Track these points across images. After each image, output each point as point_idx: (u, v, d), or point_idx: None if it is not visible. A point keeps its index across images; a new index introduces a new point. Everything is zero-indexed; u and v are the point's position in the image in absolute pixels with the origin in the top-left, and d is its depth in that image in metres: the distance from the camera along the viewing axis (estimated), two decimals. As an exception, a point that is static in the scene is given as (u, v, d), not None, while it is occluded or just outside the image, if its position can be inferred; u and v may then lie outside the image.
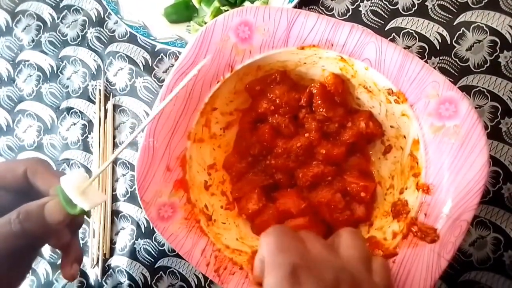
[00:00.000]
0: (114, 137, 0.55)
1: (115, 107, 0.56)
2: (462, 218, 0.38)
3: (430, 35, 0.49)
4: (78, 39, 0.58)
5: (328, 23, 0.40)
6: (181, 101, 0.42)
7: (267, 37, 0.41)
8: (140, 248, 0.52)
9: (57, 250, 0.43)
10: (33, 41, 0.60)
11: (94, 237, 0.53)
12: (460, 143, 0.38)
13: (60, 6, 0.59)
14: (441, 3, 0.49)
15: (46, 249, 0.55)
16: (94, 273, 0.53)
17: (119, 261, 0.53)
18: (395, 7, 0.51)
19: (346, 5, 0.52)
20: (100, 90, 0.56)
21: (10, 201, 0.39)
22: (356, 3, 0.52)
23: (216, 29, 0.41)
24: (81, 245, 0.50)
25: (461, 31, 0.49)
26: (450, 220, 0.38)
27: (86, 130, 0.56)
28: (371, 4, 0.51)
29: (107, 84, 0.56)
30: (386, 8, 0.51)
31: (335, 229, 0.44)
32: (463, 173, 0.38)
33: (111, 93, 0.56)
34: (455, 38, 0.49)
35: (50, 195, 0.37)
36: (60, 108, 0.57)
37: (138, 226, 0.53)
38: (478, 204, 0.38)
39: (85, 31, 0.58)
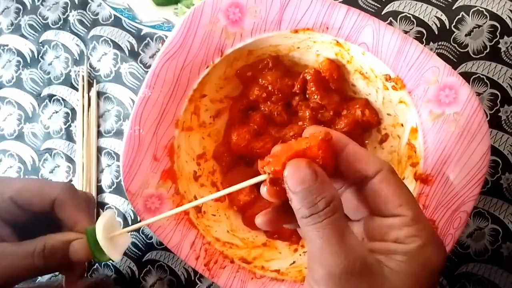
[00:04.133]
0: (98, 126, 0.53)
1: (99, 94, 0.53)
2: (462, 209, 0.37)
3: (428, 20, 0.48)
4: (60, 23, 0.55)
5: (323, 5, 0.39)
6: (168, 87, 0.40)
7: (259, 20, 0.39)
8: (127, 241, 0.50)
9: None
10: (12, 24, 0.57)
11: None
12: (460, 131, 0.37)
13: (41, -12, 0.57)
14: (440, -14, 0.48)
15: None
16: (79, 267, 0.51)
17: (105, 254, 0.51)
18: (392, -10, 0.49)
19: (341, -12, 0.50)
20: (83, 76, 0.53)
21: (29, 220, 0.38)
22: (352, -14, 0.50)
23: (205, 11, 0.39)
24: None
25: (460, 16, 0.47)
26: (449, 211, 0.37)
27: (69, 118, 0.54)
28: (367, -13, 0.49)
29: (90, 70, 0.54)
30: (383, -9, 0.49)
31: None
32: (463, 162, 0.37)
33: (94, 80, 0.54)
34: (454, 23, 0.47)
35: (75, 231, 0.37)
36: (41, 95, 0.55)
37: (124, 218, 0.51)
38: (479, 195, 0.37)
39: (66, 14, 0.55)
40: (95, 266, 0.51)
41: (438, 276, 0.27)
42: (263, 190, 0.28)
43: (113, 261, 0.38)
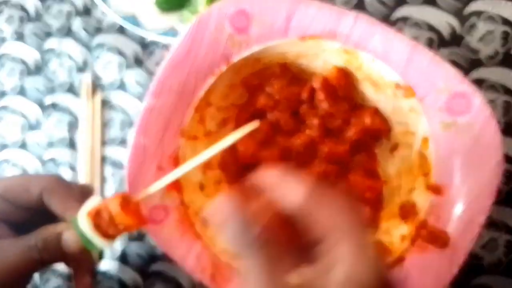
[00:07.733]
0: (102, 134, 0.52)
1: (103, 102, 0.53)
2: (474, 221, 0.36)
3: (439, 25, 0.47)
4: (64, 31, 0.55)
5: (331, 12, 0.38)
6: (173, 95, 0.40)
7: (265, 28, 0.39)
8: (131, 252, 0.50)
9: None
10: (16, 32, 0.57)
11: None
12: (472, 141, 0.36)
13: (45, -5, 0.56)
14: (450, -9, 0.48)
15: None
16: (83, 278, 0.51)
17: (110, 266, 0.51)
18: (401, -5, 0.48)
19: (349, -7, 0.50)
20: (87, 84, 0.53)
21: (24, 217, 0.39)
22: (360, -9, 0.50)
23: (211, 18, 0.39)
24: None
25: (471, 21, 0.47)
26: (462, 223, 0.36)
27: (73, 126, 0.53)
28: (376, -8, 0.49)
29: (94, 78, 0.54)
30: (392, -4, 0.49)
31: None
32: (475, 172, 0.36)
33: (99, 88, 0.53)
34: (465, 29, 0.47)
35: (67, 220, 0.37)
36: (45, 104, 0.54)
37: (129, 228, 0.51)
38: (492, 206, 0.36)
39: (71, 21, 0.55)
40: (99, 278, 0.51)
41: None
42: None
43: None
